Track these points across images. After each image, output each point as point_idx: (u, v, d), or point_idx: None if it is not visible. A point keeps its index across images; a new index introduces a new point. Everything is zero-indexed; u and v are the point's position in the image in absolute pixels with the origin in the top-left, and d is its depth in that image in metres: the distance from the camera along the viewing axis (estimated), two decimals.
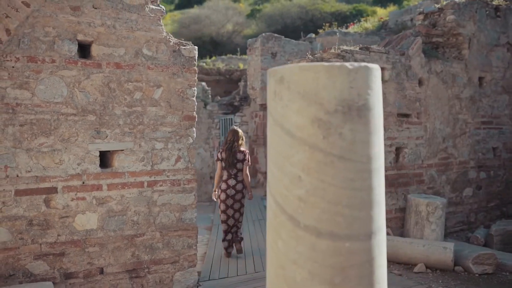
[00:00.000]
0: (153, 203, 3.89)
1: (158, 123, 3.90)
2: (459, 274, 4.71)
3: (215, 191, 5.31)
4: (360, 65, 1.56)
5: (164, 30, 3.92)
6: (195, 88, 4.08)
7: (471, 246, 5.43)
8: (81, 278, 3.59)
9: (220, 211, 5.21)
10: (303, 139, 1.55)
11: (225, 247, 5.22)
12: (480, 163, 6.51)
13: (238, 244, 5.24)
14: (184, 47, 4.02)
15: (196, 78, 4.08)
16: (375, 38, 13.12)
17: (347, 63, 1.55)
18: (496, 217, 6.65)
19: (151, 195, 3.88)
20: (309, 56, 5.34)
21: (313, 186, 1.54)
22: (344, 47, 5.28)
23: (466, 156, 6.33)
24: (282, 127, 1.61)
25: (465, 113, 6.30)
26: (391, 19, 14.56)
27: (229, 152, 5.10)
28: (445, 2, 6.40)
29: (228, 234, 5.22)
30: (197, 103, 9.94)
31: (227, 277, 4.53)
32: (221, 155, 5.14)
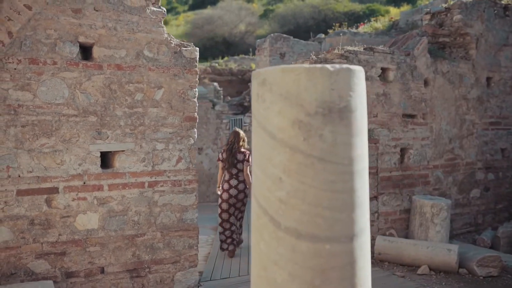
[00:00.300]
0: (154, 204, 3.93)
1: (159, 124, 3.93)
2: (463, 276, 4.66)
3: (219, 187, 5.42)
4: (341, 67, 1.56)
5: (165, 31, 3.96)
6: (196, 89, 4.10)
7: (477, 248, 5.37)
8: (82, 277, 3.64)
9: (221, 210, 5.29)
10: (284, 141, 1.56)
11: (222, 240, 5.33)
12: (488, 164, 6.43)
13: (233, 246, 5.30)
14: (185, 48, 4.05)
15: (197, 79, 4.10)
16: (385, 38, 13.02)
17: (329, 65, 1.55)
18: (504, 219, 6.56)
19: (152, 196, 3.91)
20: (313, 56, 5.34)
21: (293, 187, 1.55)
22: (348, 48, 5.26)
23: (473, 157, 6.26)
24: (264, 129, 1.62)
25: (472, 114, 6.23)
26: (401, 18, 14.44)
27: (229, 152, 5.23)
28: (452, 1, 6.34)
29: (226, 231, 5.30)
30: (205, 104, 9.98)
31: (229, 277, 4.55)
32: (222, 155, 5.27)
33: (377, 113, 5.33)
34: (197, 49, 4.12)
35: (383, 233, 5.39)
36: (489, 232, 5.92)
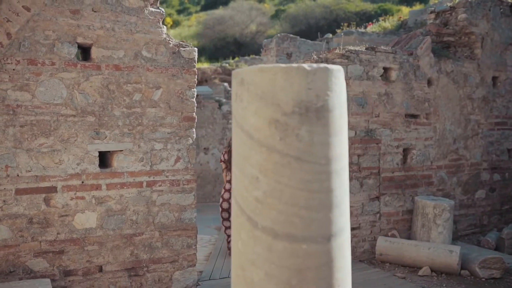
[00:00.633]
0: (152, 203, 3.95)
1: (157, 124, 3.95)
2: (465, 278, 4.61)
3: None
4: (319, 66, 1.56)
5: (163, 32, 3.98)
6: (195, 89, 4.12)
7: (480, 249, 5.31)
8: (80, 275, 3.68)
9: (221, 209, 5.33)
10: (260, 141, 1.56)
11: (225, 238, 5.47)
12: (493, 164, 6.35)
13: None
14: (183, 48, 4.06)
15: (195, 79, 4.12)
16: (394, 37, 12.90)
17: (305, 64, 1.55)
18: (510, 220, 6.47)
19: (150, 195, 3.94)
20: (314, 56, 5.32)
21: (270, 187, 1.55)
22: (349, 47, 5.24)
23: (478, 157, 6.18)
24: (242, 128, 1.62)
25: (477, 114, 6.16)
26: (410, 18, 14.32)
27: (230, 154, 5.22)
28: (457, 0, 6.27)
29: (227, 229, 5.39)
30: (211, 104, 9.98)
31: (228, 277, 4.56)
32: (224, 157, 5.29)
33: (379, 113, 5.30)
34: (196, 49, 4.14)
35: (385, 233, 5.35)
36: (494, 233, 5.85)
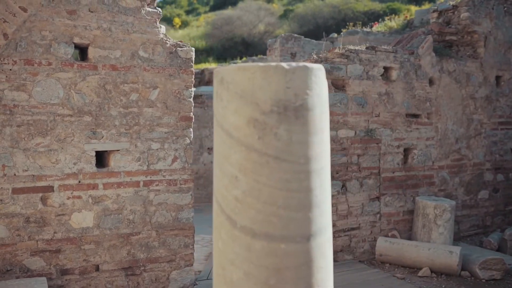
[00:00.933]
0: (149, 202, 3.96)
1: (154, 123, 3.96)
2: (465, 279, 4.57)
3: None
4: (298, 65, 1.55)
5: (160, 31, 3.99)
6: (192, 89, 4.12)
7: (482, 250, 5.26)
8: (77, 274, 3.69)
9: None
10: (239, 140, 1.56)
11: None
12: (497, 165, 6.29)
13: None
14: (181, 48, 4.07)
15: (193, 79, 4.12)
16: (399, 37, 12.82)
17: (284, 63, 1.54)
18: None
19: (147, 195, 3.95)
20: (314, 56, 5.31)
21: (249, 186, 1.54)
22: (349, 47, 5.22)
23: (481, 157, 6.13)
24: (222, 127, 1.62)
25: (480, 113, 6.10)
26: (417, 17, 14.23)
27: None
28: None
29: None
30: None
31: None
32: None
33: (379, 113, 5.27)
34: (193, 49, 4.14)
35: (385, 234, 5.32)
36: (496, 234, 5.79)
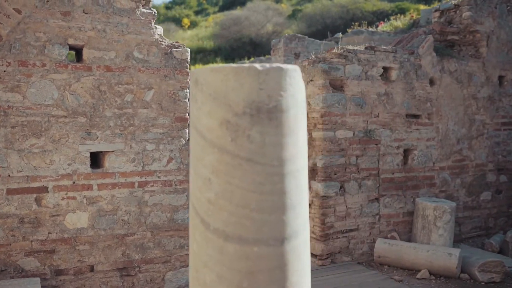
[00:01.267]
0: (144, 203, 3.96)
1: (149, 124, 3.97)
2: (464, 281, 4.52)
3: None
4: (271, 66, 1.53)
5: (155, 32, 3.99)
6: (187, 90, 4.12)
7: (483, 252, 5.20)
8: (71, 275, 3.71)
9: None
10: (212, 141, 1.54)
11: None
12: (500, 166, 6.21)
13: None
14: (176, 49, 4.07)
15: (188, 80, 4.12)
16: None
17: (257, 64, 1.53)
18: None
19: (142, 195, 3.95)
20: (312, 56, 5.28)
21: (221, 188, 1.53)
22: (348, 47, 5.18)
23: (483, 158, 6.06)
24: (196, 129, 1.61)
25: (482, 114, 6.03)
26: (422, 16, 14.13)
27: None
28: None
29: None
30: None
31: None
32: None
33: (379, 113, 5.23)
34: (188, 50, 4.14)
35: (385, 235, 5.28)
36: (498, 236, 5.72)
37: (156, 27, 4.03)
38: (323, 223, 4.93)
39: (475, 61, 5.98)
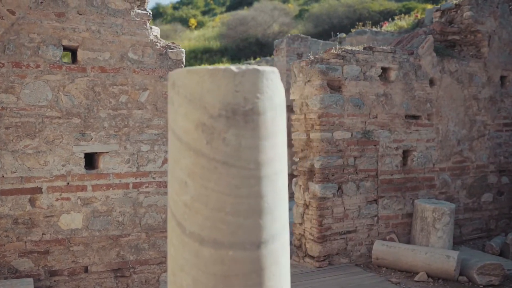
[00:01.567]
0: (139, 204, 3.96)
1: (144, 125, 3.96)
2: (463, 284, 4.47)
3: None
4: (247, 68, 1.51)
5: (150, 33, 3.98)
6: None
7: (483, 255, 5.15)
8: (65, 276, 3.71)
9: None
10: (189, 144, 1.53)
11: None
12: (501, 167, 6.15)
13: None
14: (171, 50, 4.06)
15: None
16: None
17: (233, 66, 1.51)
18: None
19: (136, 196, 3.95)
20: (311, 56, 5.25)
21: (197, 192, 1.51)
22: (346, 47, 5.15)
23: (484, 159, 5.99)
24: (173, 131, 1.60)
25: (484, 115, 5.97)
26: (427, 16, 14.02)
27: None
28: None
29: None
30: None
31: None
32: None
33: (377, 114, 5.19)
34: (183, 50, 4.13)
35: (383, 237, 5.24)
36: (499, 238, 5.66)
37: (151, 28, 4.03)
38: (320, 224, 4.90)
39: (476, 61, 5.93)
